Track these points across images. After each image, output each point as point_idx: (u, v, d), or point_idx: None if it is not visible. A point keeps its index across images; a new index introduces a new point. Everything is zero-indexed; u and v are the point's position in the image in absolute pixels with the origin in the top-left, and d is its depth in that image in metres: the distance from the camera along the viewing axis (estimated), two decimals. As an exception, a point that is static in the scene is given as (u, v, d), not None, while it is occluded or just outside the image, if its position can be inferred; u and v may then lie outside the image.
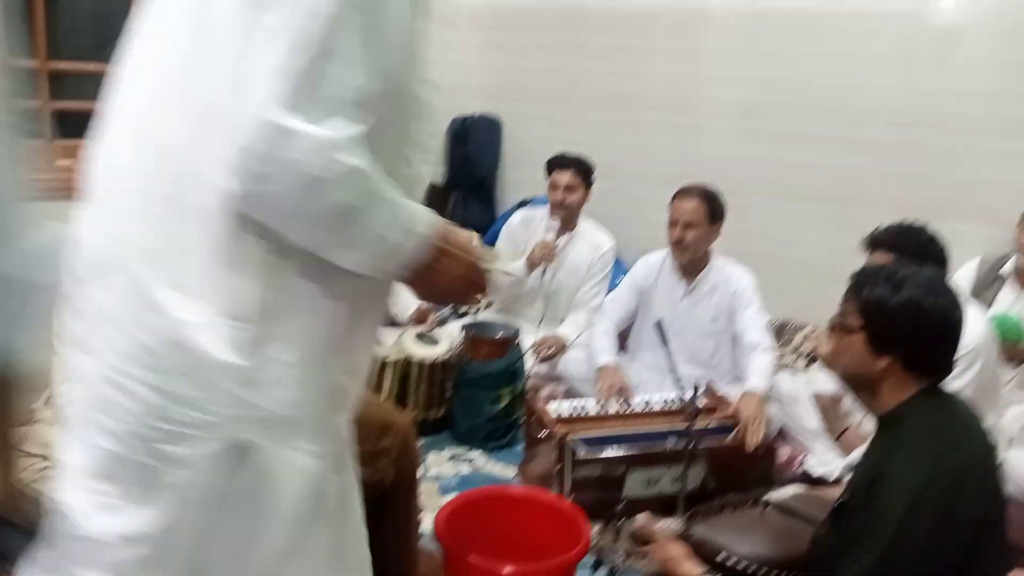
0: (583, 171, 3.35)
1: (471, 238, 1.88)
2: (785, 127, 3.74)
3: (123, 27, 1.14)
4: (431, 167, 1.44)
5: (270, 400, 1.06)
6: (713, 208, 2.89)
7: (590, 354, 2.99)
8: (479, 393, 2.90)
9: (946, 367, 1.59)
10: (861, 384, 1.66)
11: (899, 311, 1.54)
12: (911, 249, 2.43)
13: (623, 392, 2.77)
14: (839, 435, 2.61)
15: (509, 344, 2.97)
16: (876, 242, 2.48)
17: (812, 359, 2.40)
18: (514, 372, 2.95)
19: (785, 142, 3.74)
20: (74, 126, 2.96)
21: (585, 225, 3.48)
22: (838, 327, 1.66)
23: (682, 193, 2.90)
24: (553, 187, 3.36)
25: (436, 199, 4.42)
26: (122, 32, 1.13)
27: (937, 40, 3.38)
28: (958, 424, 1.58)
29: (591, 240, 3.46)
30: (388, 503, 1.67)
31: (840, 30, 3.55)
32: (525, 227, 3.51)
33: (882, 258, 2.45)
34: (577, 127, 4.25)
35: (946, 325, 1.54)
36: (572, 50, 4.24)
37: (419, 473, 1.88)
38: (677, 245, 2.87)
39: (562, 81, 4.30)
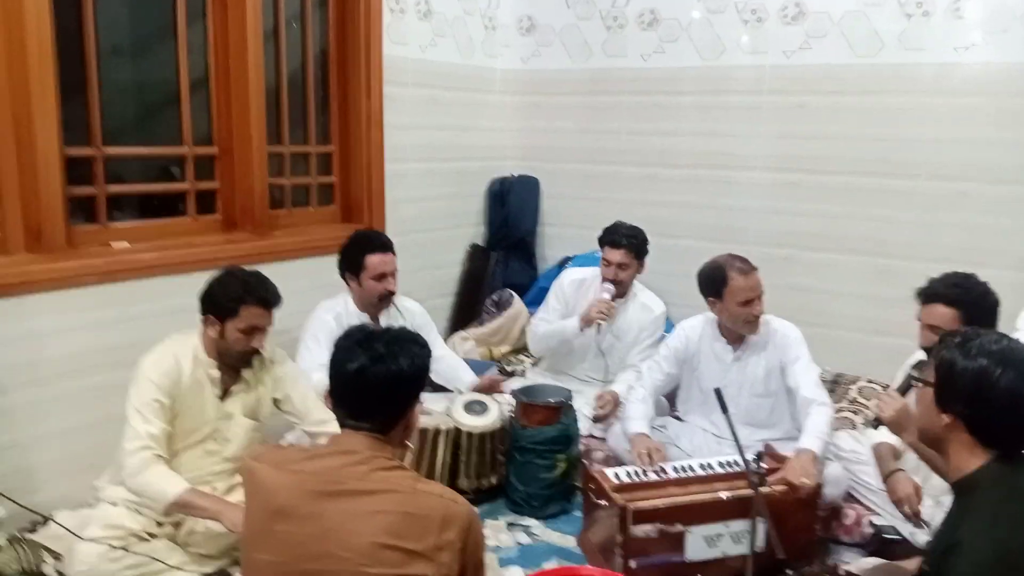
0: (636, 247, 3.34)
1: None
2: (823, 180, 3.75)
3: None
4: None
5: None
6: None
7: (623, 421, 2.95)
8: (534, 460, 2.87)
9: (1015, 439, 1.57)
10: (929, 440, 1.69)
11: (964, 375, 1.56)
12: (970, 300, 2.42)
13: (659, 456, 2.71)
14: (887, 476, 2.55)
15: (562, 409, 2.95)
16: (934, 295, 2.47)
17: (877, 423, 2.37)
18: (569, 437, 2.93)
19: (824, 195, 3.75)
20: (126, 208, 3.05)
21: (638, 290, 3.48)
22: (919, 380, 1.71)
23: (749, 269, 2.82)
24: (606, 263, 3.35)
25: (478, 259, 4.46)
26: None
27: (975, 91, 3.38)
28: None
29: (643, 304, 3.46)
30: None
31: (875, 83, 3.57)
32: (576, 288, 3.51)
33: (941, 311, 2.44)
34: (612, 184, 4.31)
35: (1013, 399, 1.52)
36: (604, 111, 4.31)
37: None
38: (758, 320, 2.84)
39: (596, 140, 4.36)
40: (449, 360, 3.37)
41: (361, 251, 3.07)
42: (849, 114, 3.65)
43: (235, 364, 2.49)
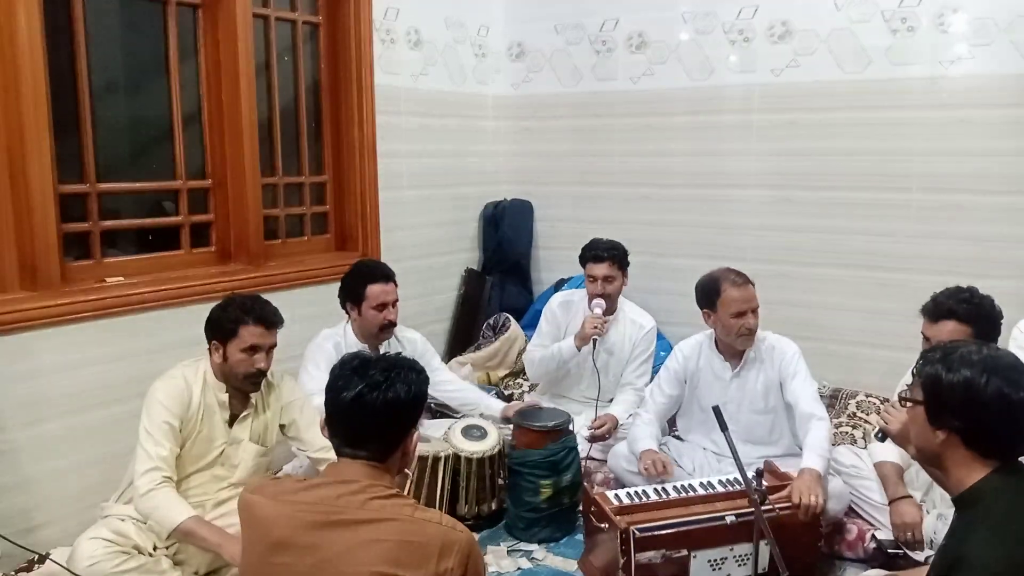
0: (618, 259, 3.36)
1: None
2: (816, 195, 3.77)
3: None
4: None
5: None
6: None
7: (631, 443, 2.94)
8: (534, 483, 2.85)
9: (1013, 446, 1.56)
10: (928, 458, 1.66)
11: (952, 388, 1.55)
12: (981, 316, 2.41)
13: (666, 469, 2.71)
14: (893, 500, 2.53)
15: (561, 432, 2.94)
16: (945, 312, 2.45)
17: (883, 435, 2.35)
18: (569, 460, 2.91)
19: (818, 210, 3.76)
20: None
21: (626, 306, 3.49)
22: (907, 400, 1.68)
23: (743, 281, 2.82)
24: (591, 279, 3.36)
25: (474, 284, 4.46)
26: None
27: (964, 103, 3.41)
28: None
29: (633, 320, 3.47)
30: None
31: (864, 98, 3.60)
32: (565, 310, 3.54)
33: (953, 327, 2.42)
34: (605, 205, 4.33)
35: (1004, 405, 1.51)
36: (596, 132, 4.34)
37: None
38: (752, 334, 2.84)
39: (589, 162, 4.39)
40: (461, 384, 3.42)
41: (362, 281, 3.07)
42: (840, 129, 3.67)
43: (242, 388, 2.49)
